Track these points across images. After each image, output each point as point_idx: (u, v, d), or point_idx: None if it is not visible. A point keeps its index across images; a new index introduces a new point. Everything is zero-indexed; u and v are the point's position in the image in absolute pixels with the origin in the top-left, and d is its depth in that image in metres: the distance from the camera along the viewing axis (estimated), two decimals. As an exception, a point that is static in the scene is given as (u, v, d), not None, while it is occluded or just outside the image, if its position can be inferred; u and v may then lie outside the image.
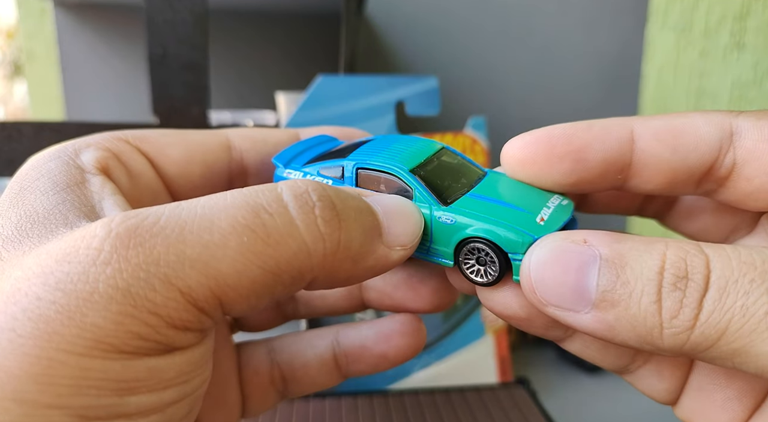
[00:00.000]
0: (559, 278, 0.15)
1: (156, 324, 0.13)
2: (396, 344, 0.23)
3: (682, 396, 0.19)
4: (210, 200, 0.15)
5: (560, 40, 0.54)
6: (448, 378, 0.37)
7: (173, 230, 0.14)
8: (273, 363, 0.23)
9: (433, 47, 0.54)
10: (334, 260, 0.16)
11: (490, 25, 0.54)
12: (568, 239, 0.16)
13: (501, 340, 0.39)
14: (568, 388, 0.42)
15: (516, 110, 0.55)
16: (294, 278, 0.15)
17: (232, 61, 0.54)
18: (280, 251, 0.15)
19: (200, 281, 0.14)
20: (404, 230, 0.17)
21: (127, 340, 0.13)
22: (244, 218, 0.14)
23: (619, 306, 0.15)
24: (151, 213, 0.14)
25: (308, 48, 0.55)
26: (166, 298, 0.13)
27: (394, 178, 0.19)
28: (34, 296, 0.13)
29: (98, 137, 0.20)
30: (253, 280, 0.14)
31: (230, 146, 0.22)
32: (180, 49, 0.35)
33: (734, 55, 0.50)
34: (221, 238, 0.14)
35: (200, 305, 0.14)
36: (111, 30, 0.54)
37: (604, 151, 0.18)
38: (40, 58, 0.56)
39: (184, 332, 0.14)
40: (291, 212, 0.15)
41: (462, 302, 0.39)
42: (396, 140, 0.20)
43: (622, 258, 0.15)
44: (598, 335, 0.15)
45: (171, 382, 0.15)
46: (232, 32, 0.54)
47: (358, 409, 0.32)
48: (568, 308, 0.15)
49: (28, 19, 0.56)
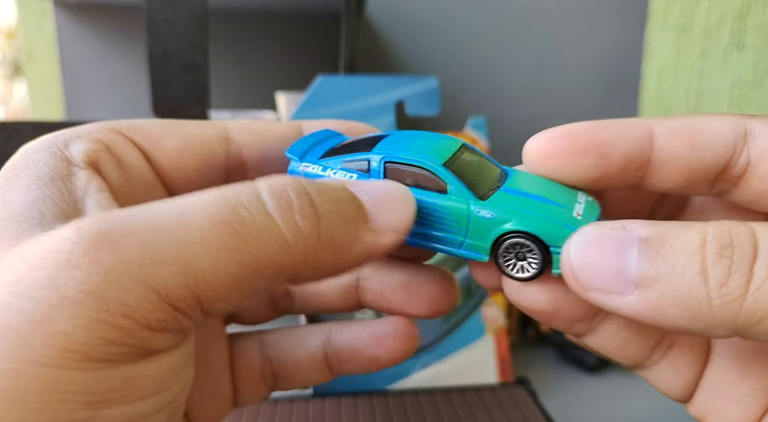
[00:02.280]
0: (599, 262, 0.15)
1: (130, 327, 0.13)
2: (388, 348, 0.23)
3: (696, 393, 0.19)
4: (188, 199, 0.15)
5: (560, 40, 0.54)
6: (448, 378, 0.37)
7: (148, 230, 0.13)
8: (264, 358, 0.23)
9: (433, 47, 0.54)
10: (316, 255, 0.15)
11: (490, 25, 0.54)
12: (607, 225, 0.16)
13: (501, 340, 0.39)
14: (568, 388, 0.42)
15: (516, 110, 0.55)
16: (275, 274, 0.15)
17: (232, 61, 0.54)
18: (260, 248, 0.14)
19: (177, 280, 0.13)
20: (395, 213, 0.17)
21: (99, 347, 0.13)
22: (224, 215, 0.14)
23: (661, 282, 0.14)
24: (124, 214, 0.14)
25: (308, 48, 0.55)
26: (141, 299, 0.13)
27: (426, 172, 0.18)
28: (5, 305, 0.12)
29: (91, 127, 0.19)
30: (233, 277, 0.14)
31: (228, 139, 0.21)
32: (180, 49, 0.35)
33: (734, 55, 0.50)
34: (199, 234, 0.14)
35: (178, 305, 0.14)
36: (111, 30, 0.54)
37: (626, 147, 0.18)
38: (40, 58, 0.56)
39: (160, 333, 0.14)
40: (270, 210, 0.15)
41: (462, 302, 0.39)
42: (415, 135, 0.20)
43: (661, 236, 0.15)
44: (644, 317, 0.15)
45: (148, 391, 0.14)
46: (232, 32, 0.54)
47: (358, 409, 0.32)
48: (611, 290, 0.15)
49: (28, 19, 0.56)
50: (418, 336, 0.23)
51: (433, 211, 0.18)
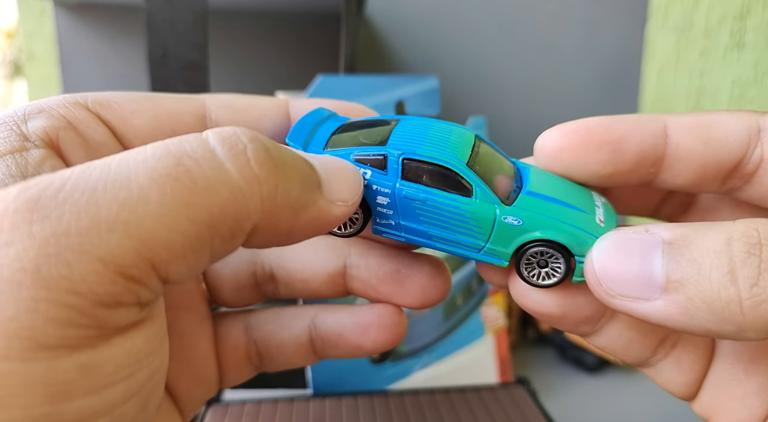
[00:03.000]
0: (622, 266, 0.15)
1: (79, 304, 0.12)
2: (372, 337, 0.22)
3: (701, 391, 0.19)
4: (127, 155, 0.13)
5: (560, 39, 0.54)
6: (448, 378, 0.37)
7: (83, 193, 0.12)
8: (249, 338, 0.23)
9: (433, 47, 0.54)
10: (273, 207, 0.14)
11: (490, 25, 0.54)
12: (629, 230, 0.15)
13: (501, 340, 0.39)
14: (568, 388, 0.42)
15: (516, 109, 0.55)
16: (231, 228, 0.14)
17: (232, 60, 0.54)
18: (212, 199, 0.13)
19: (123, 244, 0.12)
20: (345, 186, 0.17)
21: (48, 331, 0.11)
22: (166, 168, 0.13)
23: (688, 285, 0.14)
24: (56, 178, 0.12)
25: (308, 47, 0.54)
26: (85, 271, 0.12)
27: (450, 172, 0.17)
28: None
29: (54, 100, 0.18)
30: (186, 234, 0.13)
31: (205, 117, 0.20)
32: (180, 48, 0.35)
33: (734, 54, 0.50)
34: (140, 192, 0.12)
35: (129, 273, 0.12)
36: (111, 30, 0.54)
37: (640, 142, 0.18)
38: (40, 58, 0.56)
39: (116, 308, 0.12)
40: (219, 156, 0.14)
41: (462, 301, 0.39)
42: (427, 125, 0.19)
43: (685, 238, 0.14)
44: (673, 323, 0.14)
45: (112, 378, 0.13)
46: (232, 32, 0.54)
47: (358, 409, 0.32)
48: (637, 296, 0.15)
49: (28, 19, 0.56)
50: (406, 323, 0.22)
51: (455, 214, 0.17)
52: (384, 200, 0.18)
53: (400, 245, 0.22)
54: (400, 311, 0.22)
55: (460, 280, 0.38)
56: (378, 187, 0.18)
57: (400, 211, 0.18)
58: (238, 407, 0.32)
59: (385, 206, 0.18)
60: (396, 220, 0.18)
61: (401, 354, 0.36)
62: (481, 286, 0.40)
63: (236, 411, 0.32)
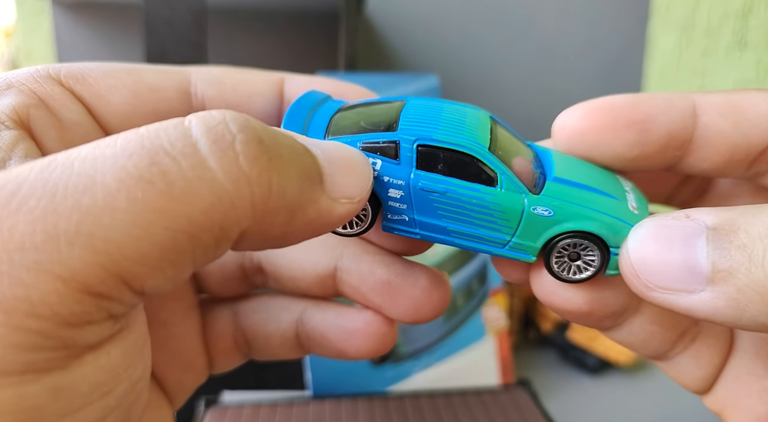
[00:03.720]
0: (663, 256, 0.14)
1: (41, 327, 0.10)
2: (356, 344, 0.20)
3: (715, 385, 0.18)
4: (94, 150, 0.11)
5: (562, 38, 0.54)
6: (448, 380, 0.37)
7: (40, 200, 0.11)
8: (237, 327, 0.21)
9: (434, 45, 0.54)
10: (265, 210, 0.13)
11: (491, 24, 0.54)
12: (667, 216, 0.14)
13: (502, 341, 0.39)
14: (570, 390, 0.41)
15: (517, 108, 0.55)
16: (216, 237, 0.12)
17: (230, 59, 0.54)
18: (192, 204, 0.11)
19: (86, 260, 0.10)
20: (351, 179, 0.15)
21: (9, 357, 0.10)
22: (137, 168, 0.11)
23: (738, 275, 0.13)
24: (9, 180, 0.11)
25: (308, 46, 0.54)
26: (44, 292, 0.10)
27: (471, 159, 0.15)
28: None
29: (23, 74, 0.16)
30: (161, 246, 0.11)
31: (190, 93, 0.18)
32: (178, 47, 0.34)
33: (736, 53, 0.49)
34: (106, 198, 0.11)
35: (95, 290, 0.11)
36: (109, 29, 0.54)
37: (669, 123, 0.17)
38: (38, 57, 0.56)
39: (84, 327, 0.11)
40: (202, 151, 0.12)
41: (463, 302, 0.38)
42: (438, 107, 0.17)
43: (733, 223, 0.13)
44: (721, 318, 0.13)
45: (87, 398, 0.12)
46: (230, 30, 0.53)
47: (358, 412, 0.32)
48: (680, 289, 0.13)
49: (26, 17, 0.55)
50: (396, 333, 0.21)
51: (477, 205, 0.16)
52: (397, 193, 0.16)
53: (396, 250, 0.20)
54: (390, 322, 0.21)
55: (460, 281, 0.38)
56: (390, 178, 0.16)
57: (416, 205, 0.16)
58: (236, 410, 0.32)
59: (398, 200, 0.16)
60: (410, 215, 0.16)
61: (401, 355, 0.36)
62: (482, 287, 0.39)
63: (235, 413, 0.31)
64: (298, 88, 0.19)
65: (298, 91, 0.19)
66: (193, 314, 0.21)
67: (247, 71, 0.19)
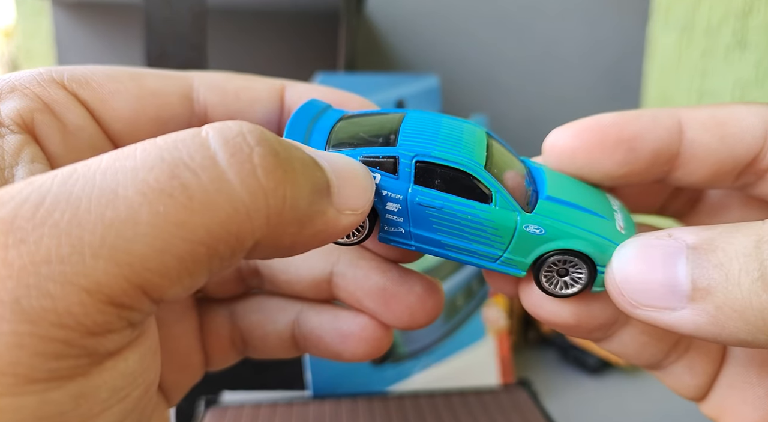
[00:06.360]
0: (645, 275, 0.14)
1: (66, 336, 0.11)
2: (351, 347, 0.21)
3: (710, 393, 0.18)
4: (114, 161, 0.12)
5: (562, 38, 0.54)
6: (448, 380, 0.37)
7: (64, 213, 0.11)
8: (234, 326, 0.22)
9: (434, 45, 0.54)
10: (279, 222, 0.13)
11: (491, 24, 0.54)
12: (650, 236, 0.15)
13: (502, 341, 0.39)
14: (570, 390, 0.41)
15: (517, 108, 0.55)
16: (232, 247, 0.12)
17: (230, 59, 0.54)
18: (211, 216, 0.12)
19: (110, 272, 0.11)
20: (355, 191, 0.15)
21: (36, 365, 0.10)
22: (158, 181, 0.11)
23: (717, 293, 0.13)
24: (32, 192, 0.11)
25: (308, 46, 0.54)
26: (70, 303, 0.11)
27: (466, 176, 0.16)
28: None
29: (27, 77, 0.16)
30: (181, 257, 0.12)
31: (192, 99, 0.18)
32: (178, 48, 0.34)
33: (736, 53, 0.49)
34: (129, 212, 0.11)
35: (118, 301, 0.11)
36: (109, 29, 0.54)
37: (655, 140, 0.17)
38: (38, 57, 0.56)
39: (106, 336, 0.12)
40: (221, 164, 0.12)
41: (463, 303, 0.38)
42: (437, 122, 0.18)
43: (711, 242, 0.13)
44: (703, 334, 0.13)
45: (107, 403, 0.12)
46: (230, 31, 0.53)
47: (358, 412, 0.32)
48: (662, 306, 0.14)
49: (26, 17, 0.55)
50: (391, 337, 0.21)
51: (471, 221, 0.16)
52: (394, 206, 0.17)
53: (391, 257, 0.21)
54: (385, 326, 0.21)
55: (460, 281, 0.38)
56: (388, 192, 0.16)
57: (412, 218, 0.17)
58: (236, 410, 0.32)
59: (395, 213, 0.17)
60: (406, 228, 0.17)
61: (401, 355, 0.36)
62: (482, 287, 0.39)
63: (235, 413, 0.31)
64: (298, 96, 0.20)
65: (298, 98, 0.20)
66: (191, 314, 0.22)
67: (248, 78, 0.20)
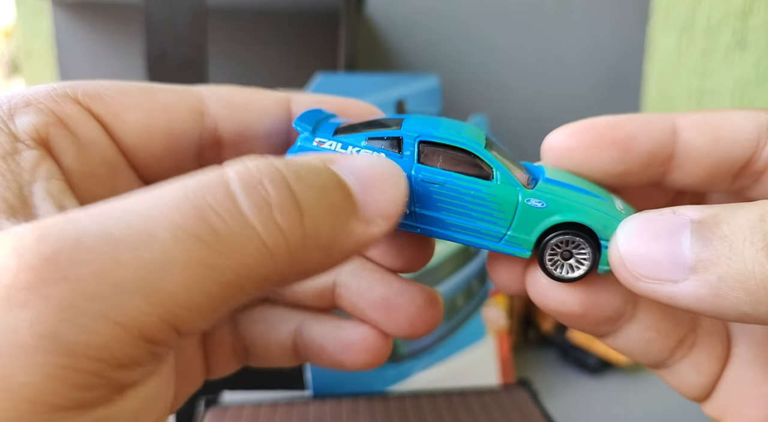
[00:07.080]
0: (650, 248, 0.14)
1: (99, 369, 0.11)
2: (353, 356, 0.21)
3: (714, 393, 0.19)
4: (145, 204, 0.12)
5: (562, 39, 0.54)
6: (449, 380, 0.37)
7: (103, 252, 0.11)
8: (236, 335, 0.22)
9: (434, 45, 0.54)
10: (302, 254, 0.13)
11: (491, 24, 0.54)
12: (655, 212, 0.15)
13: (502, 341, 0.39)
14: (570, 390, 0.41)
15: (517, 108, 0.55)
16: (258, 284, 0.13)
17: (230, 59, 0.54)
18: (238, 260, 0.12)
19: (145, 310, 0.12)
20: (385, 196, 0.15)
21: (68, 394, 0.11)
22: (189, 225, 0.12)
23: (719, 264, 0.13)
24: (72, 230, 0.12)
25: (308, 46, 0.54)
26: (106, 338, 0.11)
27: (468, 155, 0.17)
28: None
29: (40, 93, 0.16)
30: (210, 296, 0.12)
31: (203, 112, 0.19)
32: (178, 48, 0.34)
33: (736, 54, 0.49)
34: (164, 254, 0.12)
35: (149, 336, 0.12)
36: (109, 29, 0.54)
37: (650, 141, 0.17)
38: (38, 56, 0.56)
39: (134, 368, 0.12)
40: (244, 211, 0.13)
41: (463, 302, 0.38)
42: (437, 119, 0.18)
43: (715, 216, 0.14)
44: (704, 306, 0.14)
45: None
46: (230, 31, 0.53)
47: (358, 412, 0.32)
48: (665, 278, 0.14)
49: (25, 17, 0.55)
50: (391, 346, 0.22)
51: (474, 199, 0.17)
52: None
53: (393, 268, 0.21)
54: (385, 336, 0.21)
55: (460, 281, 0.38)
56: None
57: (416, 197, 0.17)
58: (236, 410, 0.32)
59: None
60: (411, 208, 0.17)
61: (402, 355, 0.36)
62: (482, 287, 0.39)
63: (235, 413, 0.31)
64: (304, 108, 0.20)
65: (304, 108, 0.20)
66: None
67: (255, 91, 0.20)
